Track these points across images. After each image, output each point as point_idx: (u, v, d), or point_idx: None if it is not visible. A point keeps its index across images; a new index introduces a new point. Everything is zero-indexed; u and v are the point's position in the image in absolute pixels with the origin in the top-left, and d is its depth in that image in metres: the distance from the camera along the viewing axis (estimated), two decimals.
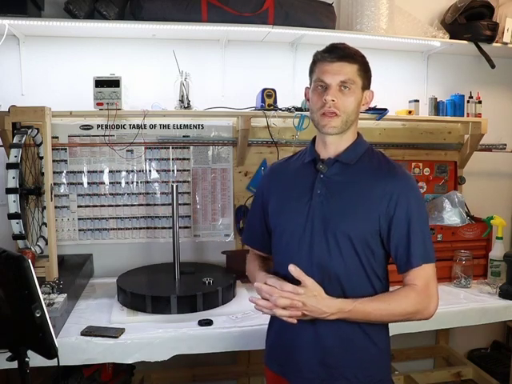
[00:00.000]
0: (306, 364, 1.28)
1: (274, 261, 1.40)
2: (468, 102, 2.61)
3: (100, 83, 2.11)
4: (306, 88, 1.35)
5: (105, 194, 2.41)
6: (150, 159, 2.44)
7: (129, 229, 2.45)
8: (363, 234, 1.23)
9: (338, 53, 1.23)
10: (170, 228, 2.35)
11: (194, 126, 2.47)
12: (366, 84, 1.28)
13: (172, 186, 2.09)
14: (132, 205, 2.44)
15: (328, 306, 1.16)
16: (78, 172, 2.38)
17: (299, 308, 1.16)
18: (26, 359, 1.23)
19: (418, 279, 1.22)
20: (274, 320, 1.40)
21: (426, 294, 1.21)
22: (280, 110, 2.31)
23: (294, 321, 1.18)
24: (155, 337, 1.67)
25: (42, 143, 1.97)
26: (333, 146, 1.29)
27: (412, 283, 1.22)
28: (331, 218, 1.24)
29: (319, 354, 1.26)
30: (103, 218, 2.42)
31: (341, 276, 1.23)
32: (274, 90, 2.31)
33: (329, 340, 1.26)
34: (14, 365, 1.24)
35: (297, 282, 1.19)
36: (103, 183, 2.41)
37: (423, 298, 1.21)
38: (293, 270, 1.18)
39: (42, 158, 2.00)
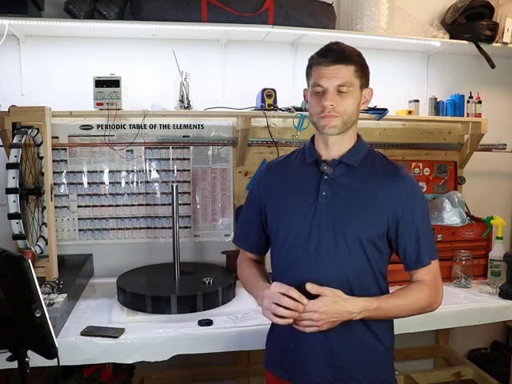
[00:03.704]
0: (314, 367, 1.27)
1: (274, 263, 1.37)
2: (468, 102, 2.61)
3: (100, 83, 2.11)
4: (305, 90, 1.34)
5: (105, 194, 2.41)
6: (149, 159, 2.44)
7: (129, 229, 2.45)
8: (372, 235, 1.24)
9: (334, 56, 1.22)
10: (170, 228, 2.35)
11: (194, 126, 2.47)
12: (364, 82, 1.27)
13: (172, 186, 2.09)
14: (132, 205, 2.44)
15: (354, 306, 1.18)
16: (78, 172, 2.38)
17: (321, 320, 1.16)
18: (26, 359, 1.23)
19: (427, 275, 1.27)
20: (277, 324, 1.39)
21: (436, 288, 1.28)
22: (280, 109, 2.31)
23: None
24: (155, 337, 1.67)
25: (41, 143, 1.97)
26: (335, 147, 1.29)
27: (422, 279, 1.27)
28: (340, 220, 1.24)
29: (328, 356, 1.26)
30: (103, 218, 2.42)
31: (350, 276, 1.23)
32: (274, 90, 2.31)
33: (337, 341, 1.25)
34: (14, 365, 1.24)
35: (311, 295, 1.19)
36: (103, 183, 2.41)
37: (434, 292, 1.27)
38: (310, 288, 1.17)
39: (42, 158, 2.00)
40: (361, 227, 1.23)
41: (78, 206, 2.40)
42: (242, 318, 1.82)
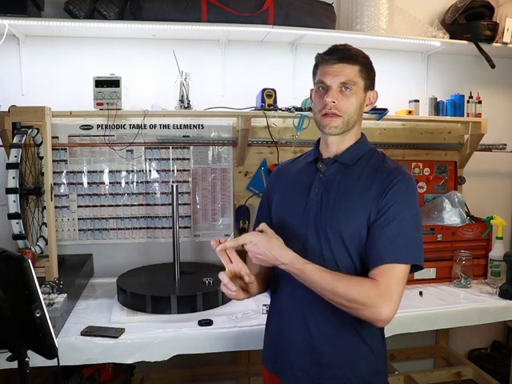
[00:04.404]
0: (297, 363, 1.28)
1: None
2: (468, 102, 2.61)
3: (100, 83, 2.11)
4: (311, 89, 1.35)
5: (105, 194, 2.41)
6: (149, 159, 2.44)
7: (129, 229, 2.45)
8: (354, 233, 1.22)
9: (339, 54, 1.24)
10: (169, 228, 2.35)
11: (194, 126, 2.47)
12: (369, 84, 1.28)
13: (172, 186, 2.09)
14: (132, 205, 2.44)
15: (281, 255, 1.18)
16: (78, 172, 2.38)
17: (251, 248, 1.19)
18: (26, 359, 1.23)
19: (382, 276, 1.15)
20: (270, 319, 1.41)
21: (383, 293, 1.13)
22: (280, 109, 2.31)
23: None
24: (155, 337, 1.67)
25: (41, 143, 1.97)
26: (334, 146, 1.30)
27: (374, 277, 1.16)
28: (323, 217, 1.24)
29: (311, 354, 1.27)
30: (103, 218, 2.42)
31: None
32: (274, 90, 2.31)
33: (320, 339, 1.26)
34: (14, 365, 1.24)
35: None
36: (103, 183, 2.41)
37: (378, 295, 1.12)
38: (260, 226, 1.22)
39: (42, 158, 2.00)
40: (342, 224, 1.22)
41: (78, 206, 2.40)
42: (242, 318, 1.82)
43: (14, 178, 1.77)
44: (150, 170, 2.45)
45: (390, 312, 1.13)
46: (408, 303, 1.94)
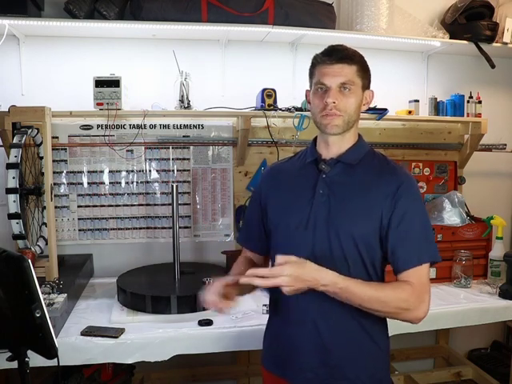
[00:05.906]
0: (307, 364, 1.28)
1: (271, 259, 1.38)
2: (468, 102, 2.61)
3: (100, 83, 2.11)
4: (307, 90, 1.35)
5: (105, 194, 2.41)
6: (149, 159, 2.44)
7: (129, 229, 2.45)
8: (366, 233, 1.23)
9: (337, 55, 1.24)
10: (170, 228, 2.35)
11: (194, 126, 2.47)
12: (366, 84, 1.29)
13: (172, 186, 2.09)
14: (132, 205, 2.44)
15: (322, 276, 1.14)
16: (78, 172, 2.38)
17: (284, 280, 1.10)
18: (26, 359, 1.23)
19: (414, 278, 1.20)
20: (272, 321, 1.40)
21: (419, 294, 1.19)
22: (280, 110, 2.31)
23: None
24: (155, 337, 1.68)
25: (41, 143, 1.97)
26: (335, 147, 1.30)
27: (408, 280, 1.21)
28: (334, 218, 1.24)
29: (321, 355, 1.26)
30: (103, 218, 2.42)
31: (343, 274, 1.22)
32: (274, 90, 2.31)
33: (330, 340, 1.26)
34: (14, 365, 1.24)
35: None
36: (103, 183, 2.41)
37: (416, 298, 1.19)
38: (279, 257, 1.14)
39: (42, 158, 2.00)
40: (354, 225, 1.23)
41: (78, 206, 2.40)
42: (242, 318, 1.82)
43: (14, 178, 1.77)
44: (150, 170, 2.45)
45: (426, 310, 1.21)
46: None
